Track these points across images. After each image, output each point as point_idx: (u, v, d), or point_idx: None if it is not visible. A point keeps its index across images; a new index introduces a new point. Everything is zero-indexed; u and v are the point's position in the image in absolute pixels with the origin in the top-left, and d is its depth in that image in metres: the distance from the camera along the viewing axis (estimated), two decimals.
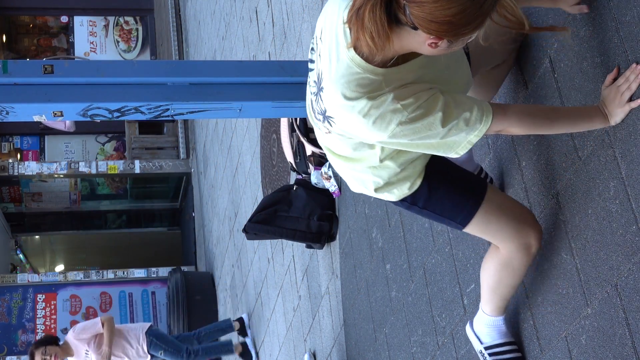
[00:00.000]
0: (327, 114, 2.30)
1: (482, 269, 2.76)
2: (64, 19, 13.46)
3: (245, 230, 5.53)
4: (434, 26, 1.97)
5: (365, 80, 2.17)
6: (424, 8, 1.95)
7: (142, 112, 4.96)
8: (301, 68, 5.17)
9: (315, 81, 2.34)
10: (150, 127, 12.27)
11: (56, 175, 11.37)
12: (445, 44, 2.04)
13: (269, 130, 6.66)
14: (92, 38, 13.26)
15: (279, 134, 6.06)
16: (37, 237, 14.14)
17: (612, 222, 2.36)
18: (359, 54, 2.16)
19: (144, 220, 13.92)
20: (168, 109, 4.95)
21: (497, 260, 2.67)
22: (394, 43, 2.08)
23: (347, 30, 2.16)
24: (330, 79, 2.23)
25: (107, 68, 5.03)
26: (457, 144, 2.29)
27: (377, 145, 2.41)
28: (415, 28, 2.01)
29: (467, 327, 3.00)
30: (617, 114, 2.33)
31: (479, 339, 2.93)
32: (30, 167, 11.14)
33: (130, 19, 13.44)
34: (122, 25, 13.38)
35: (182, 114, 5.03)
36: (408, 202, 2.59)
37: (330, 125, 2.32)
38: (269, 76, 5.10)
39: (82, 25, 13.33)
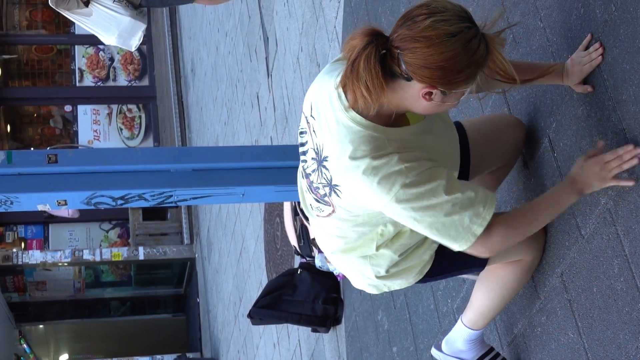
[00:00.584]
0: (333, 183, 2.28)
1: (488, 284, 2.70)
2: (68, 108, 13.61)
3: (250, 315, 5.50)
4: (427, 72, 2.02)
5: (368, 138, 2.17)
6: (417, 54, 2.00)
7: (145, 199, 4.98)
8: None
9: (313, 157, 2.35)
10: (154, 213, 12.29)
11: (60, 264, 11.36)
12: (439, 96, 2.07)
13: (272, 214, 6.67)
14: (95, 126, 13.39)
15: (282, 218, 6.07)
16: (41, 326, 14.04)
17: (618, 300, 2.35)
18: (358, 113, 2.17)
19: (148, 307, 13.85)
20: (171, 196, 4.96)
21: (520, 268, 2.64)
22: (389, 98, 2.11)
23: (342, 93, 2.19)
24: (333, 144, 2.23)
25: (110, 156, 5.06)
26: (461, 228, 2.24)
27: (377, 228, 2.41)
28: (409, 79, 2.05)
29: (437, 353, 2.93)
30: (596, 187, 2.31)
31: (462, 359, 2.89)
32: (35, 256, 11.13)
33: (133, 106, 13.58)
34: (125, 113, 13.52)
35: (186, 200, 5.05)
36: (420, 282, 2.61)
37: (338, 195, 2.30)
38: (272, 161, 5.13)
39: (85, 114, 13.47)
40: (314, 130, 2.33)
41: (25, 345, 12.43)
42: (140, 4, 6.71)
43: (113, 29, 6.68)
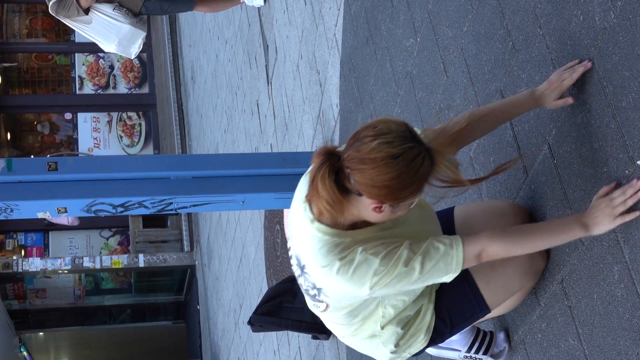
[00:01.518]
0: (317, 286, 2.47)
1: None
2: (68, 115, 13.61)
3: (250, 322, 5.49)
4: (375, 191, 2.19)
5: (334, 244, 2.36)
6: (364, 174, 2.17)
7: (145, 207, 4.98)
8: (303, 159, 5.21)
9: (297, 264, 2.54)
10: (154, 220, 12.28)
11: (60, 271, 11.35)
12: (388, 208, 2.24)
13: (272, 221, 6.68)
14: (95, 134, 13.39)
15: (283, 225, 6.07)
16: (41, 333, 14.03)
17: (618, 306, 2.35)
18: (324, 223, 2.35)
19: (148, 314, 13.84)
20: (171, 203, 4.97)
21: (522, 293, 2.73)
22: (349, 209, 2.29)
23: (307, 206, 2.38)
24: (307, 255, 2.43)
25: (110, 163, 5.07)
26: (443, 266, 2.39)
27: (377, 311, 2.57)
28: (360, 194, 2.22)
29: (429, 347, 2.95)
30: (603, 226, 2.34)
31: (455, 349, 2.98)
32: (35, 264, 11.13)
33: (133, 114, 13.59)
34: (125, 121, 13.53)
35: (186, 207, 5.05)
36: (434, 342, 2.69)
37: (326, 295, 2.49)
38: (272, 168, 5.14)
39: (85, 122, 13.47)
40: (293, 242, 2.53)
41: (25, 353, 12.41)
42: (140, 11, 6.72)
43: (113, 36, 6.69)
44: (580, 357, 2.54)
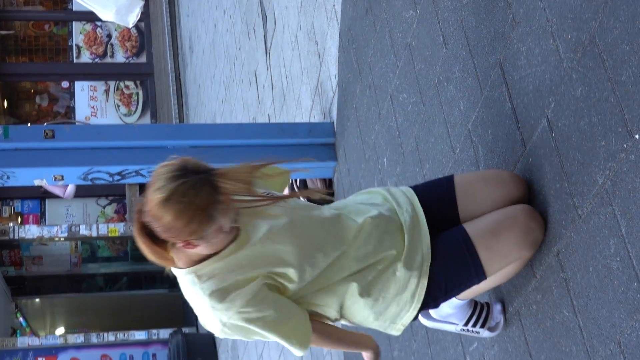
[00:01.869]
0: None
1: None
2: (65, 84, 13.57)
3: None
4: (169, 234, 2.29)
5: (185, 282, 2.49)
6: (154, 224, 2.28)
7: (142, 175, 4.99)
8: (300, 130, 5.22)
9: None
10: None
11: (57, 239, 11.36)
12: (198, 242, 2.34)
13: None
14: (92, 102, 13.35)
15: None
16: (37, 300, 14.06)
17: (614, 279, 2.36)
18: (179, 266, 2.47)
19: (144, 282, 13.86)
20: None
21: (520, 263, 2.75)
22: (177, 253, 2.40)
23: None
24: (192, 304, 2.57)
25: (107, 132, 5.07)
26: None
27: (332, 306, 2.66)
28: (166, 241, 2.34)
29: (424, 321, 3.07)
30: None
31: (452, 322, 3.01)
32: (31, 231, 11.13)
33: (130, 83, 13.54)
34: (122, 90, 13.49)
35: None
36: (427, 307, 2.73)
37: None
38: (269, 138, 5.15)
39: (82, 90, 13.43)
40: None
41: (21, 319, 12.46)
42: None
43: (111, 4, 6.66)
44: (575, 329, 2.55)
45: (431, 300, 2.68)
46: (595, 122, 2.43)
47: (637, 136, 2.26)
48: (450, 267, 2.65)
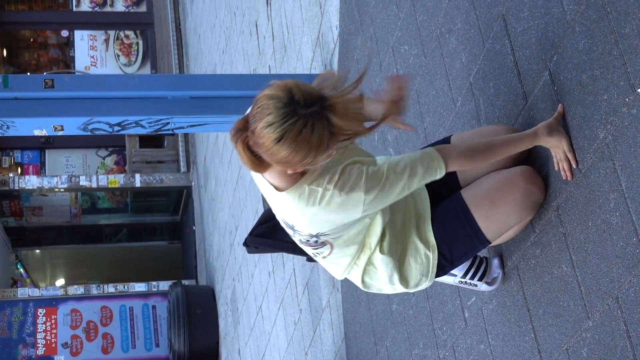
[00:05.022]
0: (313, 235, 2.55)
1: None
2: (65, 33, 13.48)
3: (245, 243, 5.51)
4: (280, 165, 2.27)
5: (304, 195, 2.42)
6: (264, 154, 2.25)
7: (142, 126, 4.97)
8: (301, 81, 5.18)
9: (286, 225, 2.62)
10: (151, 140, 12.26)
11: (57, 190, 11.37)
12: (306, 168, 2.33)
13: None
14: (92, 52, 13.28)
15: None
16: (37, 251, 14.12)
17: (613, 234, 2.35)
18: (284, 190, 2.43)
19: (144, 234, 13.90)
20: (168, 123, 4.95)
21: (521, 225, 2.77)
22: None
23: (266, 180, 2.46)
24: (289, 216, 2.52)
25: (107, 82, 5.04)
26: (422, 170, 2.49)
27: (365, 240, 2.65)
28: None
29: None
30: (551, 142, 2.55)
31: (451, 274, 3.02)
32: (31, 182, 11.13)
33: (130, 32, 13.45)
34: (122, 39, 13.40)
35: (183, 127, 5.04)
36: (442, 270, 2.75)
37: (326, 235, 2.56)
38: None
39: (82, 40, 13.34)
40: (272, 205, 2.60)
41: (21, 270, 12.51)
42: None
43: None
44: (573, 283, 2.55)
45: (439, 270, 2.73)
46: (597, 76, 2.41)
47: (639, 90, 2.24)
48: (452, 237, 2.67)
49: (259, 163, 2.29)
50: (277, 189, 2.45)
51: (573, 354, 2.57)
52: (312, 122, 2.18)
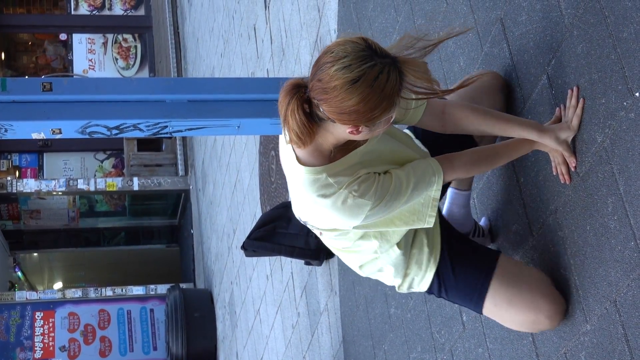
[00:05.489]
0: (309, 224, 2.54)
1: None
2: (63, 36, 13.49)
3: (244, 247, 5.52)
4: (345, 117, 2.17)
5: (319, 183, 2.36)
6: (330, 103, 2.15)
7: (140, 130, 4.96)
8: None
9: (292, 198, 2.57)
10: (149, 144, 12.26)
11: (55, 193, 11.36)
12: (364, 129, 2.23)
13: (268, 147, 6.67)
14: (90, 55, 13.28)
15: (278, 151, 6.07)
16: (35, 254, 14.11)
17: (611, 238, 2.36)
18: (304, 164, 2.38)
19: (142, 237, 13.90)
20: (166, 126, 4.95)
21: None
22: (325, 138, 2.29)
23: (291, 148, 2.38)
24: (297, 195, 2.47)
25: (105, 85, 5.03)
26: (422, 206, 2.50)
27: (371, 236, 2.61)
28: (333, 121, 2.19)
29: None
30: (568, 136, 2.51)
31: None
32: (29, 185, 11.13)
33: (128, 36, 13.46)
34: (120, 43, 13.41)
35: (181, 131, 5.03)
36: (434, 291, 2.75)
37: (312, 226, 2.56)
38: (268, 93, 5.11)
39: (80, 43, 13.35)
40: (287, 178, 2.54)
41: (19, 273, 12.50)
42: None
43: None
44: (572, 287, 2.55)
45: (430, 289, 2.75)
46: (595, 80, 2.41)
47: (637, 94, 2.24)
48: (458, 291, 2.69)
49: (308, 128, 2.22)
50: (299, 160, 2.38)
51: (571, 357, 2.57)
52: (389, 69, 2.14)
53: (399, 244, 2.64)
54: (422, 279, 2.71)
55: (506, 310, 2.63)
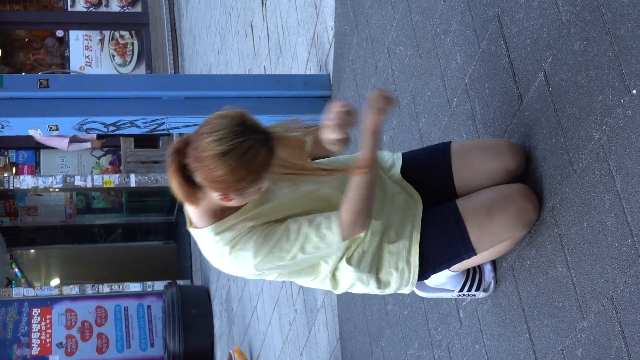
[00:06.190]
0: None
1: None
2: (60, 33, 13.47)
3: None
4: (215, 185, 2.31)
5: (209, 241, 2.51)
6: (202, 171, 2.29)
7: (137, 126, 4.96)
8: (296, 82, 5.19)
9: None
10: (146, 140, 12.25)
11: (52, 189, 11.35)
12: (235, 197, 2.36)
13: None
14: (87, 52, 13.27)
15: None
16: (32, 251, 14.10)
17: (608, 235, 2.36)
18: (195, 226, 2.52)
19: (139, 234, 13.89)
20: (163, 123, 4.95)
21: (513, 241, 2.77)
22: (208, 200, 2.39)
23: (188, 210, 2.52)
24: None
25: (102, 82, 5.04)
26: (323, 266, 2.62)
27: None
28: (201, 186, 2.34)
29: (420, 292, 3.10)
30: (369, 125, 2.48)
31: (447, 290, 3.05)
32: (26, 181, 11.11)
33: (125, 33, 13.45)
34: (117, 40, 13.39)
35: (178, 127, 5.03)
36: (423, 274, 2.73)
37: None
38: (265, 90, 5.12)
39: (77, 40, 13.33)
40: None
41: (16, 269, 12.49)
42: None
43: None
44: (568, 284, 2.56)
45: (421, 274, 2.70)
46: (592, 77, 2.42)
47: (634, 91, 2.24)
48: (440, 243, 2.65)
49: (189, 189, 2.35)
50: (191, 223, 2.54)
51: (568, 354, 2.57)
52: (259, 145, 2.29)
53: (349, 259, 2.64)
54: (410, 273, 2.70)
55: (491, 223, 2.63)
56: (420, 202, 2.70)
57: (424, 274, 2.72)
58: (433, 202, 2.73)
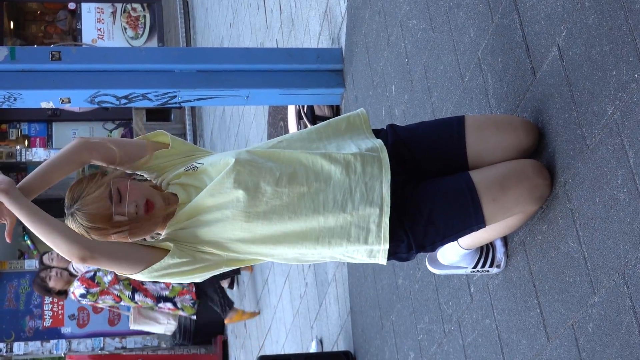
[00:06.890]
0: None
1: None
2: (72, 5, 13.46)
3: None
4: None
5: None
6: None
7: (149, 99, 4.97)
8: (309, 56, 5.18)
9: None
10: (158, 114, 12.26)
11: None
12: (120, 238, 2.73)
13: (276, 117, 6.66)
14: (99, 25, 13.26)
15: (286, 122, 6.06)
16: None
17: (620, 210, 2.35)
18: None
19: None
20: (175, 96, 4.95)
21: (525, 215, 2.77)
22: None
23: None
24: None
25: (114, 55, 5.04)
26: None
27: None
28: None
29: (434, 269, 3.11)
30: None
31: (461, 267, 3.06)
32: (38, 154, 11.15)
33: (137, 5, 13.42)
34: (129, 12, 13.37)
35: (190, 100, 5.03)
36: (423, 249, 2.69)
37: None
38: (277, 63, 5.11)
39: (89, 12, 13.32)
40: None
41: (29, 242, 12.55)
42: None
43: None
44: (580, 259, 2.56)
45: (428, 245, 2.67)
46: (606, 52, 2.40)
47: None
48: (451, 213, 2.63)
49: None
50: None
51: (579, 329, 2.57)
52: (70, 219, 2.81)
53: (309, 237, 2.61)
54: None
55: (504, 196, 2.62)
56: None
57: (431, 244, 2.68)
58: (441, 174, 2.72)
